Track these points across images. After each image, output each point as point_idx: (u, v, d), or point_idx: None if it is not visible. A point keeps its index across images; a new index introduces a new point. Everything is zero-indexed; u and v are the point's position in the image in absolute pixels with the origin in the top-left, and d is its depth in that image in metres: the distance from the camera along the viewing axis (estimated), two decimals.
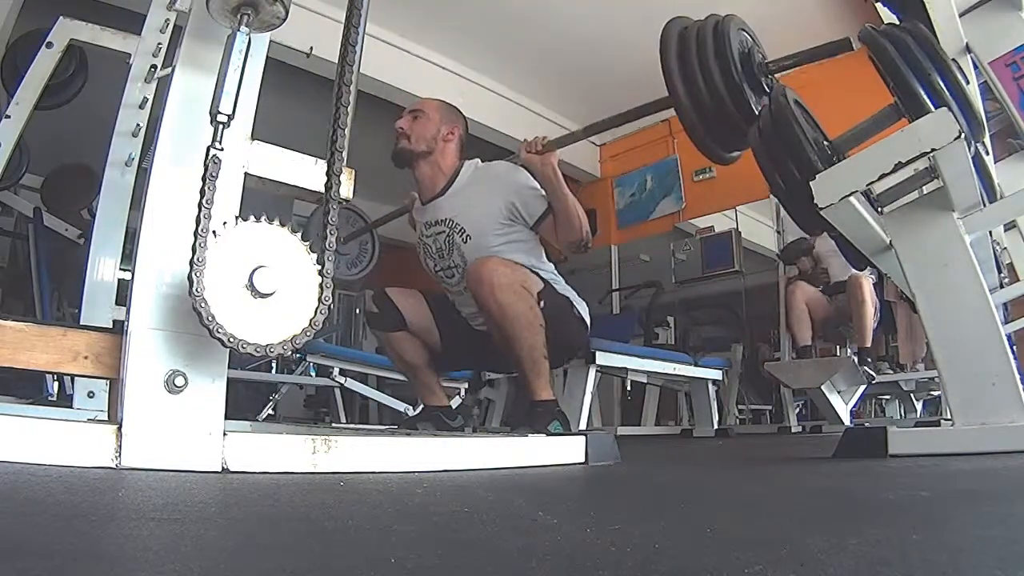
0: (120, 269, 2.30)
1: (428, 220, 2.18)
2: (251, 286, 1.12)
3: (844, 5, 4.52)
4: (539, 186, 2.04)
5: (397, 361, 2.23)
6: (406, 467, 1.35)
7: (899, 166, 1.59)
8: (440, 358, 2.23)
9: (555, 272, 2.14)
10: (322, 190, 1.25)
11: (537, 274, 2.01)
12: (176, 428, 1.12)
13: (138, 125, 2.35)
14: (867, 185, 1.66)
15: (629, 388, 4.35)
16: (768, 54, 1.79)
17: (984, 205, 1.78)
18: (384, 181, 2.90)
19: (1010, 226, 2.72)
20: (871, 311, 3.70)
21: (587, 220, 2.03)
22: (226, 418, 1.18)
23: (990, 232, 2.40)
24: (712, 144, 1.70)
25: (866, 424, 4.52)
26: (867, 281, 3.71)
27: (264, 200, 1.31)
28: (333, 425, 4.37)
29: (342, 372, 4.09)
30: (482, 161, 2.23)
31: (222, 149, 1.13)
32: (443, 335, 2.17)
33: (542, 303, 1.93)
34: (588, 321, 2.14)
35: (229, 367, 1.20)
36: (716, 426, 4.31)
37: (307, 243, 1.20)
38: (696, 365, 4.17)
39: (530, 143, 2.03)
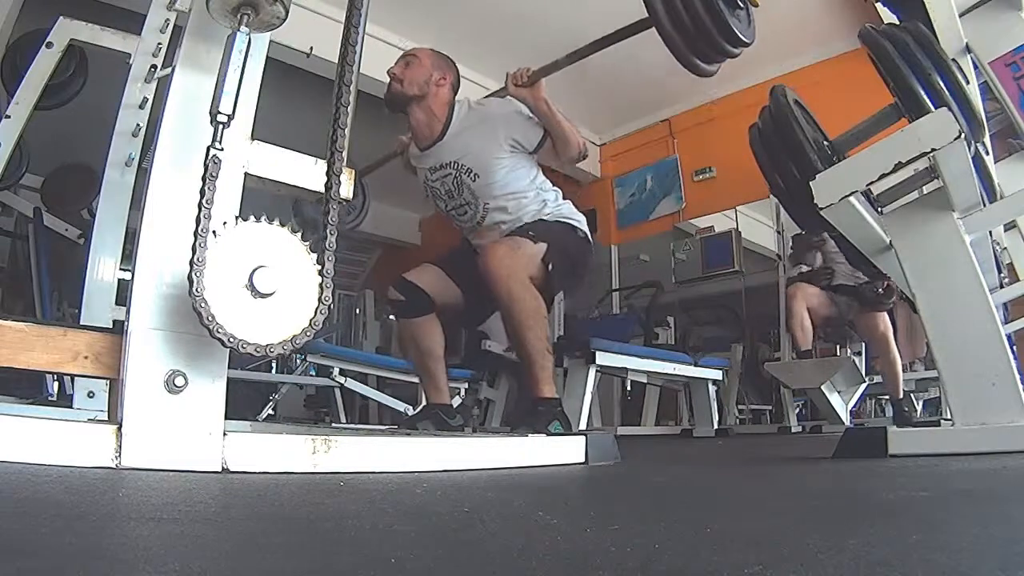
0: (120, 269, 2.30)
1: (432, 165, 2.24)
2: (251, 286, 1.12)
3: (844, 5, 4.52)
4: (531, 114, 2.13)
5: (413, 349, 2.27)
6: (406, 467, 1.35)
7: (899, 166, 1.59)
8: (468, 312, 2.30)
9: (553, 187, 2.26)
10: (322, 190, 1.25)
11: (536, 229, 2.09)
12: (176, 428, 1.12)
13: (138, 125, 2.35)
14: (867, 185, 1.66)
15: (629, 388, 4.35)
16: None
17: (984, 205, 1.78)
18: (384, 181, 2.90)
19: (1010, 226, 2.72)
20: (899, 360, 3.62)
21: (578, 133, 2.16)
22: (226, 418, 1.18)
23: (990, 232, 2.40)
24: (691, 56, 1.83)
25: (866, 424, 4.52)
26: (887, 327, 3.62)
27: (264, 200, 1.31)
28: (333, 425, 4.37)
29: (342, 372, 4.09)
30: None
31: (222, 149, 1.13)
32: (465, 289, 2.23)
33: (550, 265, 2.04)
34: (588, 233, 2.26)
35: (229, 367, 1.20)
36: (716, 426, 4.30)
37: (307, 243, 1.20)
38: (696, 365, 4.17)
39: (515, 75, 2.10)
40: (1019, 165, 2.66)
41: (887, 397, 4.85)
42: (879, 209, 1.84)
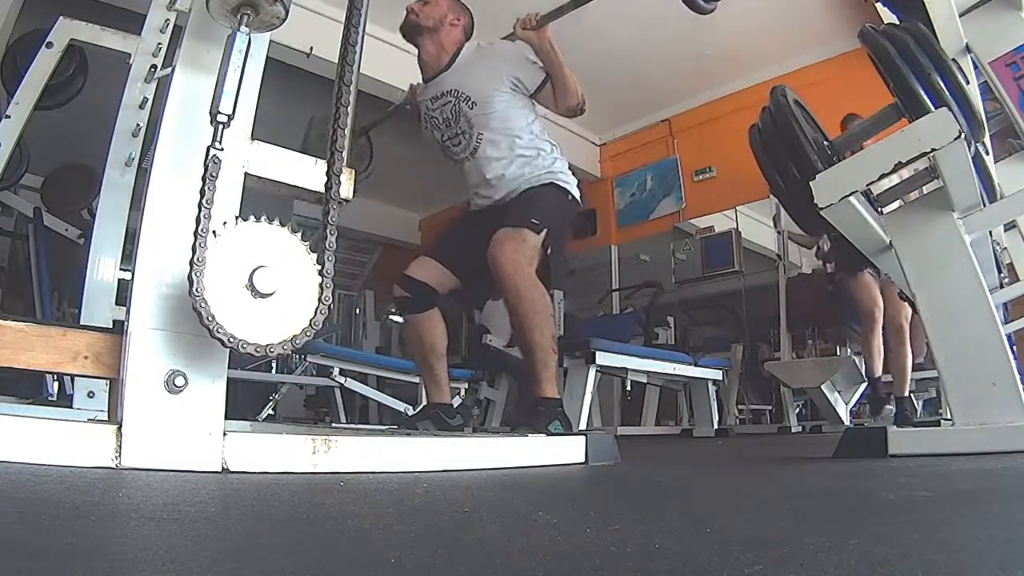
0: (120, 269, 2.30)
1: (434, 95, 2.30)
2: (251, 286, 1.12)
3: (844, 5, 4.52)
4: (536, 58, 2.19)
5: (417, 345, 2.29)
6: (406, 467, 1.35)
7: (899, 166, 1.59)
8: (468, 296, 2.31)
9: (551, 140, 2.29)
10: (322, 190, 1.25)
11: (538, 214, 2.10)
12: (176, 428, 1.12)
13: (138, 125, 2.34)
14: (867, 185, 1.66)
15: (629, 388, 4.35)
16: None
17: (984, 205, 1.78)
18: (384, 181, 2.90)
19: (1010, 226, 2.72)
20: (911, 357, 3.42)
21: (579, 86, 2.20)
22: (226, 418, 1.18)
23: (990, 232, 2.40)
24: None
25: (866, 424, 4.52)
26: (907, 318, 3.35)
27: (264, 200, 1.31)
28: (333, 425, 4.37)
29: (342, 372, 4.09)
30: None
31: (222, 149, 1.13)
32: (462, 275, 2.27)
33: (549, 249, 2.10)
34: (577, 194, 2.29)
35: (229, 367, 1.20)
36: (716, 426, 4.30)
37: (307, 243, 1.20)
38: (696, 365, 4.17)
39: (524, 20, 2.17)
40: (1019, 165, 2.66)
41: (888, 395, 4.84)
42: (879, 209, 1.84)
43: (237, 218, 1.16)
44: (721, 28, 4.84)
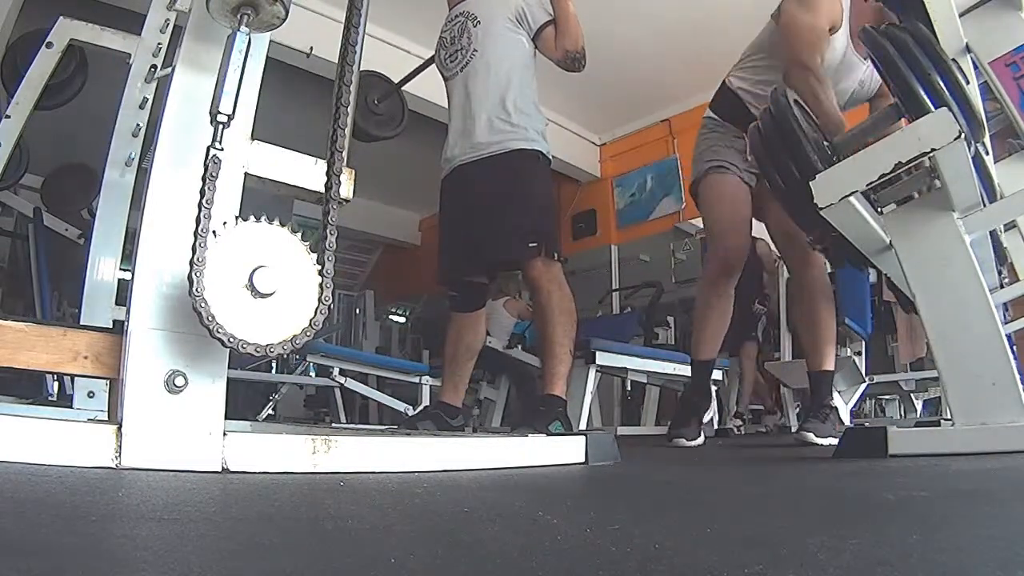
0: (120, 269, 2.30)
1: (450, 16, 2.44)
2: (251, 286, 1.12)
3: None
4: (548, 5, 2.30)
5: (454, 341, 2.34)
6: (406, 467, 1.35)
7: (899, 166, 1.59)
8: (464, 291, 2.36)
9: (536, 100, 2.32)
10: (322, 190, 1.25)
11: (549, 238, 2.19)
12: (176, 428, 1.12)
13: (138, 125, 2.35)
14: (867, 185, 1.66)
15: (629, 388, 4.35)
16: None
17: (984, 205, 1.78)
18: (384, 181, 2.90)
19: (1010, 226, 2.71)
20: (820, 319, 2.53)
21: (583, 36, 2.28)
22: (226, 418, 1.18)
23: (990, 232, 2.40)
24: None
25: (866, 424, 4.52)
26: (818, 281, 2.53)
27: (264, 200, 1.31)
28: (333, 425, 4.37)
29: (342, 372, 4.10)
30: None
31: (222, 149, 1.13)
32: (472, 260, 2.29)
33: (557, 257, 2.20)
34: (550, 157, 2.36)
35: (229, 367, 1.20)
36: (716, 426, 4.30)
37: (307, 243, 1.20)
38: None
39: None
40: (1019, 165, 2.65)
41: (887, 397, 4.84)
42: (879, 209, 1.84)
43: (237, 218, 1.16)
44: (721, 28, 4.85)
